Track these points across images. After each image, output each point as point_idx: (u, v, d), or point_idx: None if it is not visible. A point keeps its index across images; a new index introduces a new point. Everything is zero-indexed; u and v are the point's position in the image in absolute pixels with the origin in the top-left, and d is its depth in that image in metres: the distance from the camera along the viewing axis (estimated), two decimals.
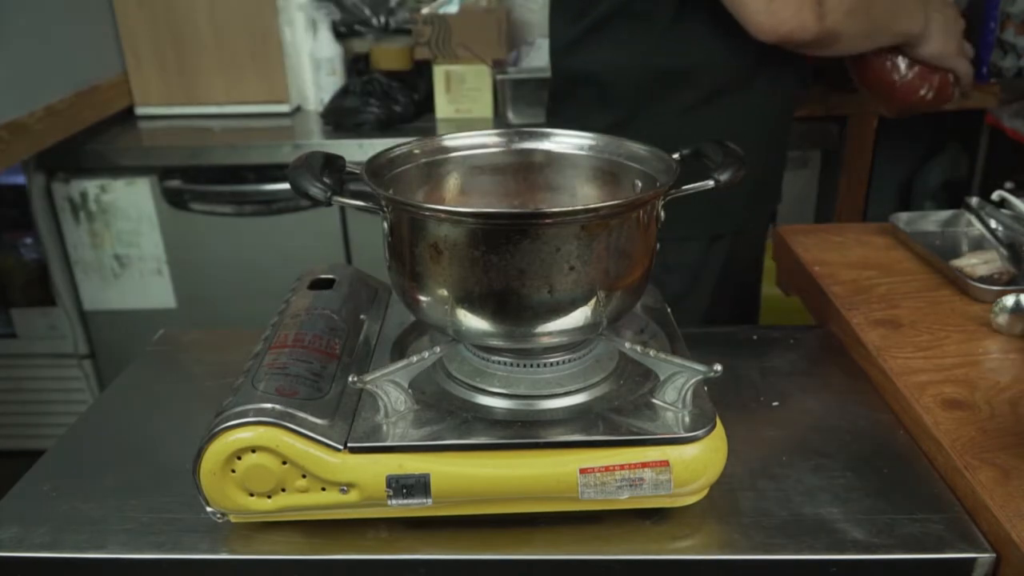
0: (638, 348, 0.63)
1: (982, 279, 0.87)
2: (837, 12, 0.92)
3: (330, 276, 0.79)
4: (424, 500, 0.59)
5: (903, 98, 1.06)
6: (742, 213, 1.09)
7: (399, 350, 0.71)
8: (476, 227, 0.58)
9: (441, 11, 1.79)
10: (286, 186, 1.38)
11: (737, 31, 0.96)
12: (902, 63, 1.04)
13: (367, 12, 2.03)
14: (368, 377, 0.60)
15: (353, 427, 0.60)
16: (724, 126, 1.02)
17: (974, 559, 0.58)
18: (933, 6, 1.00)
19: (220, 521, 0.62)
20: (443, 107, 1.84)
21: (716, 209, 1.04)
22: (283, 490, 0.59)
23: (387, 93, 1.78)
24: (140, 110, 1.88)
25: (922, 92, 1.04)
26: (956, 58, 1.03)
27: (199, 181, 1.73)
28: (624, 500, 0.59)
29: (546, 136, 0.74)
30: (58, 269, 1.80)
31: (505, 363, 0.65)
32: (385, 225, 0.63)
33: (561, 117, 1.12)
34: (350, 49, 2.00)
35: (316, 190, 0.61)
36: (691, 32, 0.98)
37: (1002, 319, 0.80)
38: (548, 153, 0.74)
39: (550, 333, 0.61)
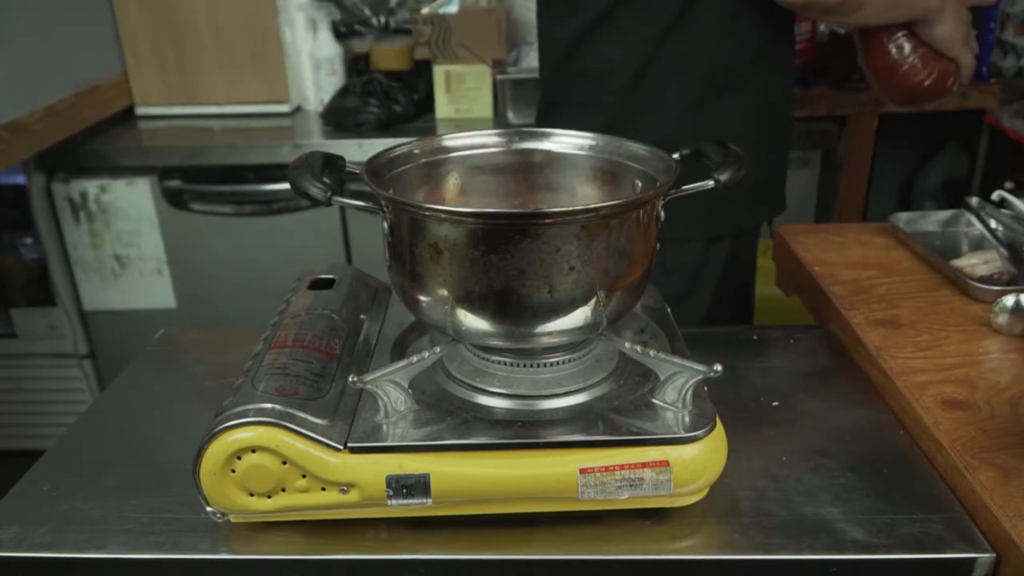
0: (638, 348, 0.63)
1: (982, 279, 0.87)
2: None
3: (330, 276, 0.79)
4: (424, 500, 0.59)
5: (903, 81, 1.06)
6: (742, 214, 1.09)
7: (399, 350, 0.71)
8: (476, 227, 0.58)
9: (441, 11, 1.79)
10: (286, 186, 1.38)
11: (741, 25, 0.96)
12: (907, 45, 1.03)
13: (367, 12, 2.03)
14: (368, 377, 0.60)
15: (353, 427, 0.60)
16: (722, 125, 1.02)
17: (974, 559, 0.58)
18: None
19: (220, 521, 0.62)
20: (443, 107, 1.84)
21: (714, 211, 1.04)
22: (283, 490, 0.59)
23: (387, 93, 1.78)
24: (140, 110, 1.89)
25: (922, 77, 1.04)
26: (962, 47, 1.03)
27: (199, 181, 1.73)
28: (624, 500, 0.59)
29: (546, 136, 0.74)
30: (58, 269, 1.80)
31: (505, 363, 0.65)
32: (385, 225, 0.63)
33: (556, 118, 1.11)
34: (350, 49, 2.00)
35: (316, 190, 0.61)
36: (694, 26, 0.98)
37: (1002, 319, 0.80)
38: (548, 153, 0.74)
39: (550, 333, 0.61)
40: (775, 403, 0.76)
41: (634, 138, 0.70)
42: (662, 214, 0.64)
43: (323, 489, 0.59)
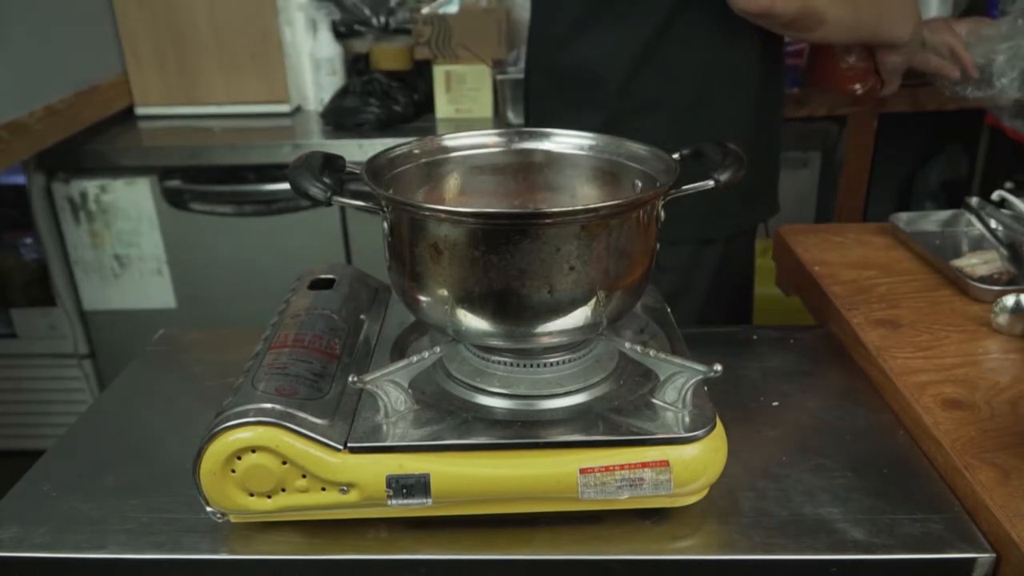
0: (638, 348, 0.63)
1: (982, 279, 0.87)
2: None
3: (330, 276, 0.79)
4: (424, 500, 0.59)
5: (840, 81, 1.10)
6: (739, 215, 1.09)
7: (399, 350, 0.71)
8: (476, 227, 0.58)
9: (441, 11, 1.79)
10: (286, 186, 1.38)
11: (738, 26, 0.96)
12: (857, 54, 1.08)
13: (367, 12, 2.03)
14: (368, 377, 0.60)
15: (353, 427, 0.60)
16: (720, 125, 1.02)
17: (974, 559, 0.58)
18: (923, 27, 1.05)
19: (220, 521, 0.62)
20: (443, 107, 1.84)
21: (711, 211, 1.04)
22: (283, 490, 0.59)
23: (387, 93, 1.78)
24: (140, 110, 1.88)
25: (858, 85, 1.09)
26: (899, 76, 1.09)
27: (199, 181, 1.73)
28: (624, 500, 0.59)
29: (546, 136, 0.74)
30: (58, 269, 1.80)
31: (505, 363, 0.65)
32: (385, 225, 0.63)
33: (552, 116, 1.10)
34: (350, 49, 2.00)
35: (316, 190, 0.61)
36: (691, 26, 0.98)
37: (1002, 319, 0.80)
38: (548, 153, 0.74)
39: (550, 333, 0.61)
40: (775, 403, 0.76)
41: (632, 137, 0.70)
42: (662, 214, 0.64)
43: (323, 489, 0.59)
